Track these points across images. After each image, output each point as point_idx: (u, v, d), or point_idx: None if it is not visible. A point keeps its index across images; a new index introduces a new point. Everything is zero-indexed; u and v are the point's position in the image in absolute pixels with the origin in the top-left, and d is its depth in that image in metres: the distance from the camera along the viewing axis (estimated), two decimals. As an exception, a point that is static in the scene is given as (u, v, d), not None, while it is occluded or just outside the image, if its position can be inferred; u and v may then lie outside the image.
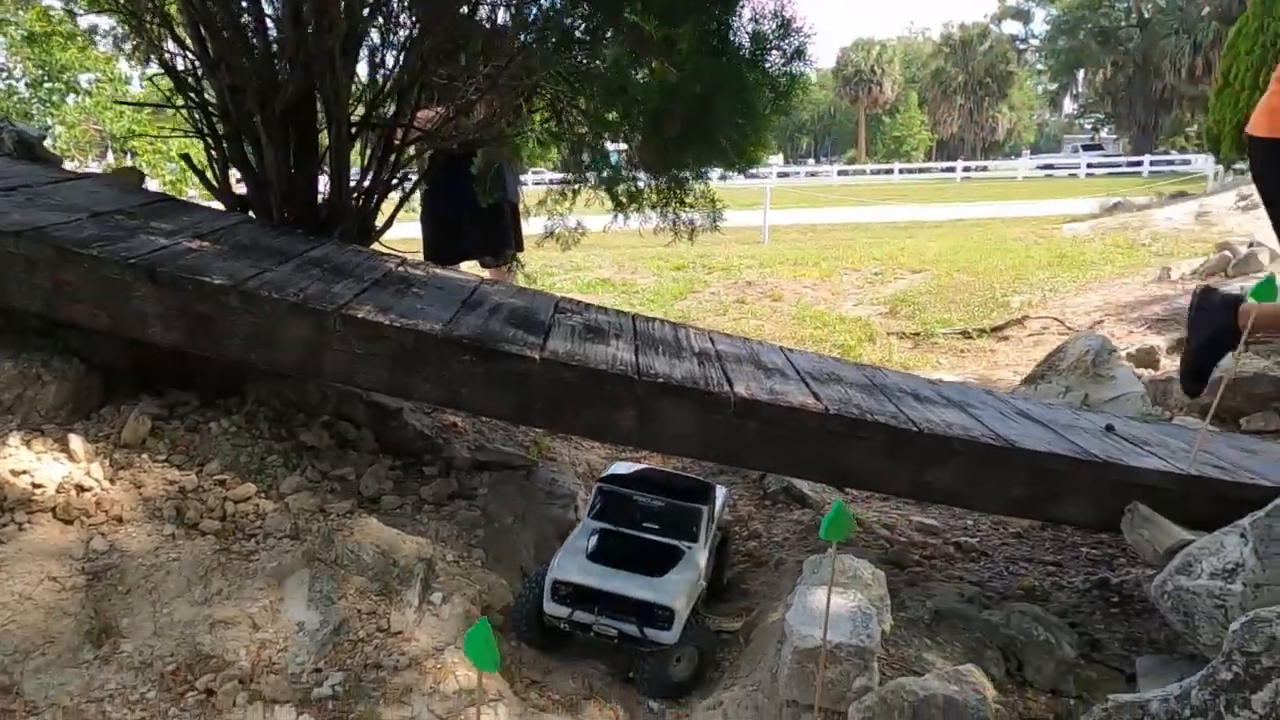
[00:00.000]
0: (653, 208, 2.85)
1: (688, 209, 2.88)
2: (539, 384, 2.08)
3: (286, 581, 1.91)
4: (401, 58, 3.02)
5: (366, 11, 2.97)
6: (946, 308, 8.25)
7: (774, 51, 2.42)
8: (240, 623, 1.80)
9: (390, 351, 2.05)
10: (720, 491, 2.45)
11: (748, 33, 2.40)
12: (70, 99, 14.38)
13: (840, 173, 42.59)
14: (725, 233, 14.41)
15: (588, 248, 11.39)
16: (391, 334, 2.03)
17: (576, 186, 3.43)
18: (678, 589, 1.94)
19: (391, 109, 3.14)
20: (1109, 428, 2.55)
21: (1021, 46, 55.12)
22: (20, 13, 13.29)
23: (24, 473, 1.92)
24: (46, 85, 14.11)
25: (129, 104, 10.26)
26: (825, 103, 67.00)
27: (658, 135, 2.40)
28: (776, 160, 68.29)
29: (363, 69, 3.25)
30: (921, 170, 45.58)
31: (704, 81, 2.23)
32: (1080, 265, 9.78)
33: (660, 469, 2.57)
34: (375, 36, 3.27)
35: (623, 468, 2.43)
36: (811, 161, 70.50)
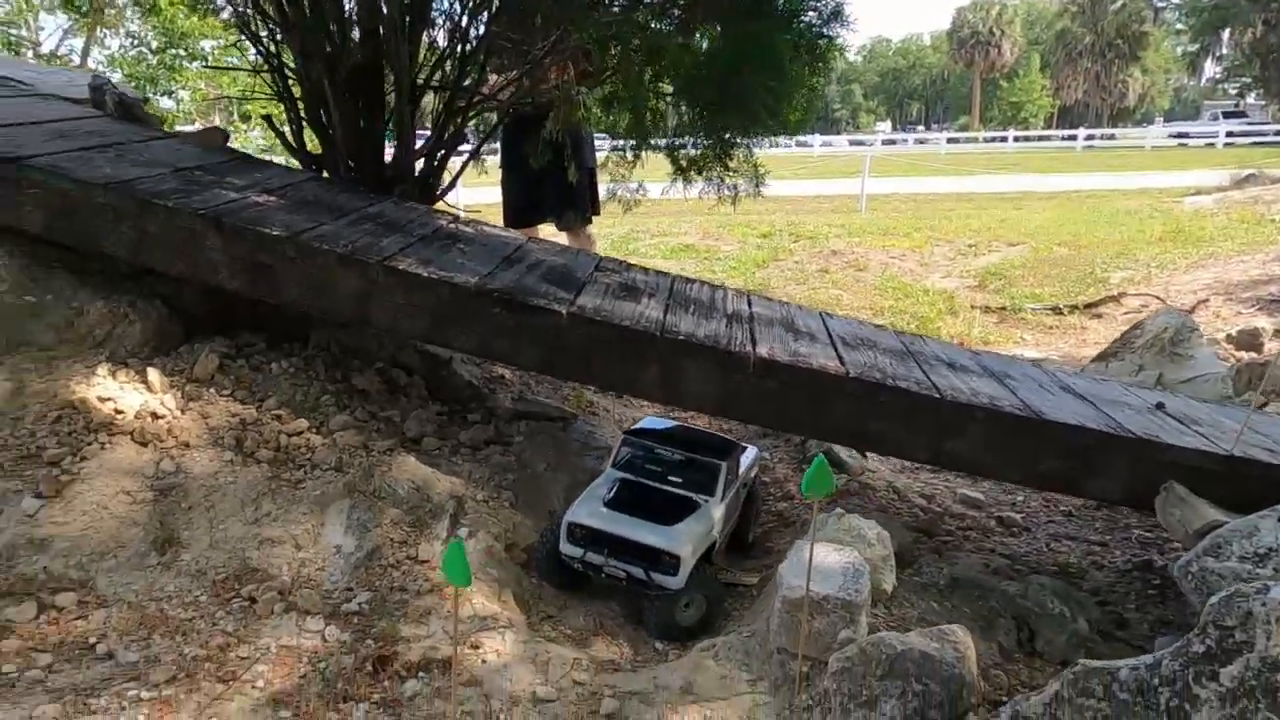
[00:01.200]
0: (698, 173, 2.87)
1: (731, 174, 2.89)
2: (566, 338, 2.18)
3: (328, 509, 2.09)
4: (466, 22, 3.12)
5: (433, -23, 3.09)
6: (1040, 282, 7.90)
7: (809, 12, 2.40)
8: (285, 542, 1.99)
9: (429, 303, 2.19)
10: (749, 452, 2.50)
11: (781, -4, 2.38)
12: (194, 65, 15.30)
13: (950, 140, 40.71)
14: (822, 200, 14.11)
15: (676, 214, 11.43)
16: (429, 286, 2.17)
17: (639, 150, 3.47)
18: (686, 538, 2.02)
19: (456, 73, 3.25)
20: (1159, 405, 2.46)
21: (1160, 4, 50.93)
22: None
23: (109, 399, 2.16)
24: (170, 52, 15.03)
25: (213, 67, 10.82)
26: (938, 67, 64.00)
27: (694, 100, 2.42)
28: (884, 127, 65.90)
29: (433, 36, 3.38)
30: (1040, 138, 43.06)
31: (738, 47, 2.23)
32: (1195, 241, 9.13)
33: (690, 426, 2.63)
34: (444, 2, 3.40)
35: (653, 423, 2.51)
36: (921, 128, 67.70)
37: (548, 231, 4.55)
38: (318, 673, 1.68)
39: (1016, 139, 38.99)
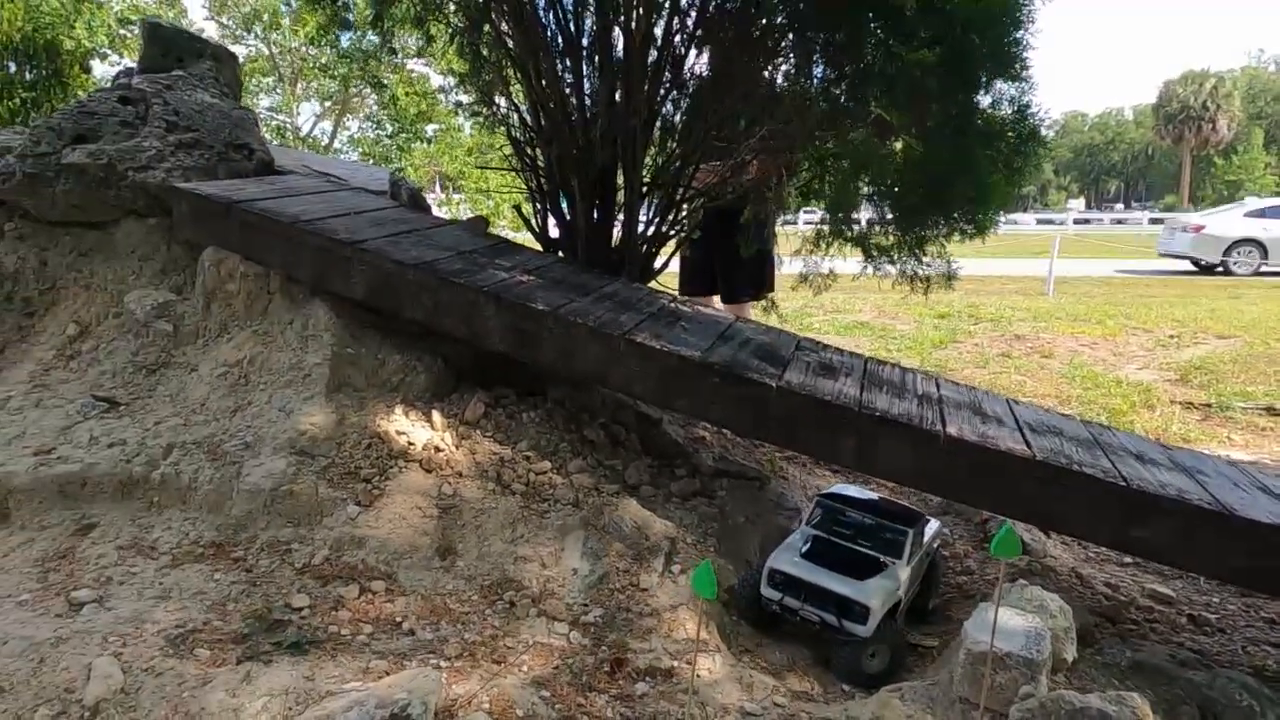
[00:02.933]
0: (891, 263, 3.16)
1: (924, 265, 3.15)
2: (774, 407, 2.52)
3: (567, 537, 2.52)
4: (685, 130, 3.63)
5: (662, 94, 3.63)
6: (1253, 379, 7.37)
7: (1010, 133, 2.66)
8: (534, 560, 2.43)
9: (659, 370, 2.61)
10: (932, 524, 2.71)
11: (983, 118, 2.66)
12: (418, 145, 17.39)
13: (1154, 221, 37.98)
14: (1005, 281, 13.76)
15: (851, 290, 11.57)
16: (661, 356, 2.59)
17: (831, 240, 3.82)
18: (875, 592, 2.27)
19: (675, 170, 3.75)
20: (1370, 513, 2.43)
21: None
22: (391, 75, 16.39)
23: (404, 433, 2.72)
24: (402, 135, 17.15)
25: (487, 168, 12.26)
26: (1141, 142, 60.09)
27: (899, 204, 2.73)
28: (1076, 205, 62.35)
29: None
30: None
31: (942, 160, 2.54)
32: None
33: (877, 495, 2.87)
34: (669, 109, 3.94)
35: (845, 489, 2.78)
36: (1120, 207, 63.45)
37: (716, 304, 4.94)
38: (566, 666, 2.07)
39: (1234, 221, 35.69)
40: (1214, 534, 2.21)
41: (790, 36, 3.53)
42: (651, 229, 3.79)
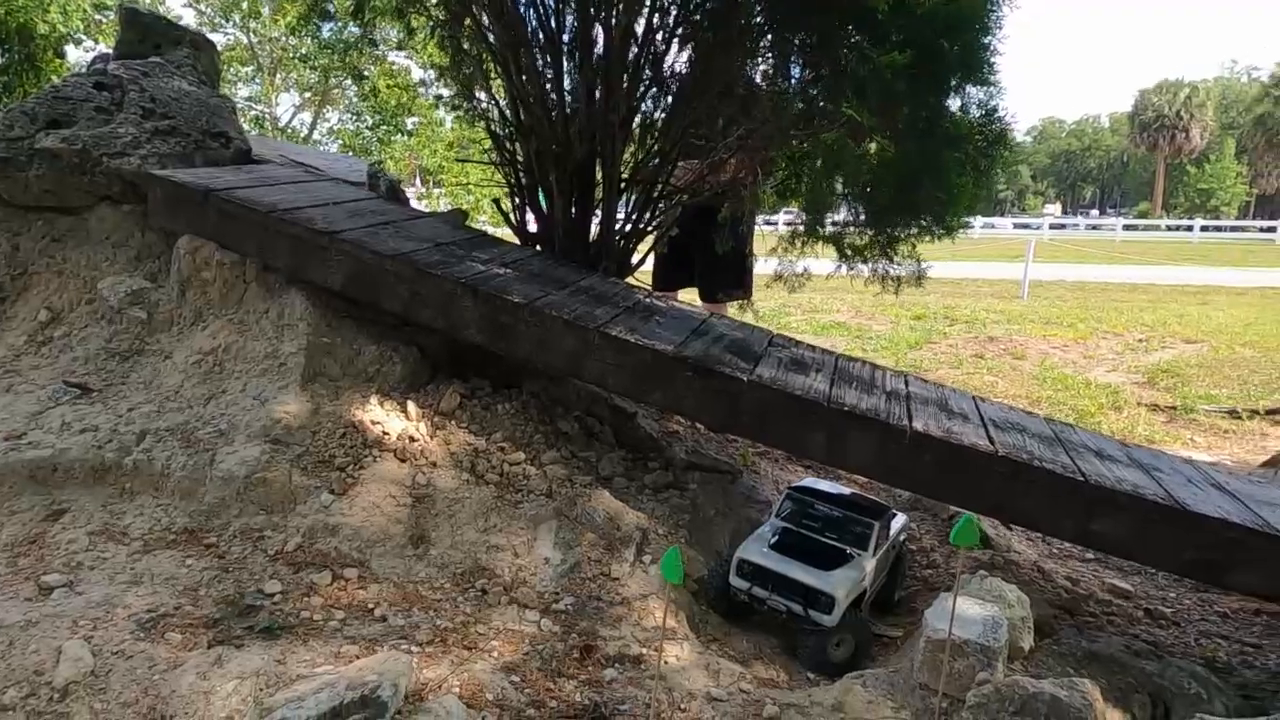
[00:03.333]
0: (864, 262, 3.22)
1: (894, 265, 3.21)
2: (746, 401, 2.56)
3: (540, 527, 2.55)
4: (665, 127, 3.67)
5: (641, 90, 3.66)
6: (1218, 384, 7.55)
7: (977, 136, 2.72)
8: (506, 549, 2.46)
9: (632, 364, 2.64)
10: (899, 518, 2.77)
11: (951, 121, 2.72)
12: (398, 138, 17.30)
13: (1128, 227, 38.60)
14: (981, 284, 13.92)
15: (827, 290, 11.66)
16: (635, 350, 2.62)
17: (805, 238, 3.87)
18: (841, 582, 2.32)
19: (653, 167, 3.79)
20: (1317, 510, 2.52)
21: (1379, 89, 46.55)
22: (372, 67, 16.28)
23: (379, 423, 2.73)
24: (383, 127, 17.04)
25: (467, 161, 12.23)
26: (1116, 150, 60.97)
27: (868, 203, 2.79)
28: (1053, 209, 63.08)
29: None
30: (1233, 229, 40.06)
31: (911, 162, 2.59)
32: (1407, 350, 8.41)
33: (847, 490, 2.92)
34: (648, 106, 3.98)
35: (813, 482, 2.83)
36: (1095, 213, 64.35)
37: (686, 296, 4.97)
38: (536, 652, 2.10)
39: (1204, 228, 36.42)
40: (1167, 528, 2.29)
41: (769, 36, 3.57)
42: (629, 224, 3.82)
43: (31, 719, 1.72)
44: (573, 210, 3.57)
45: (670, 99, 3.87)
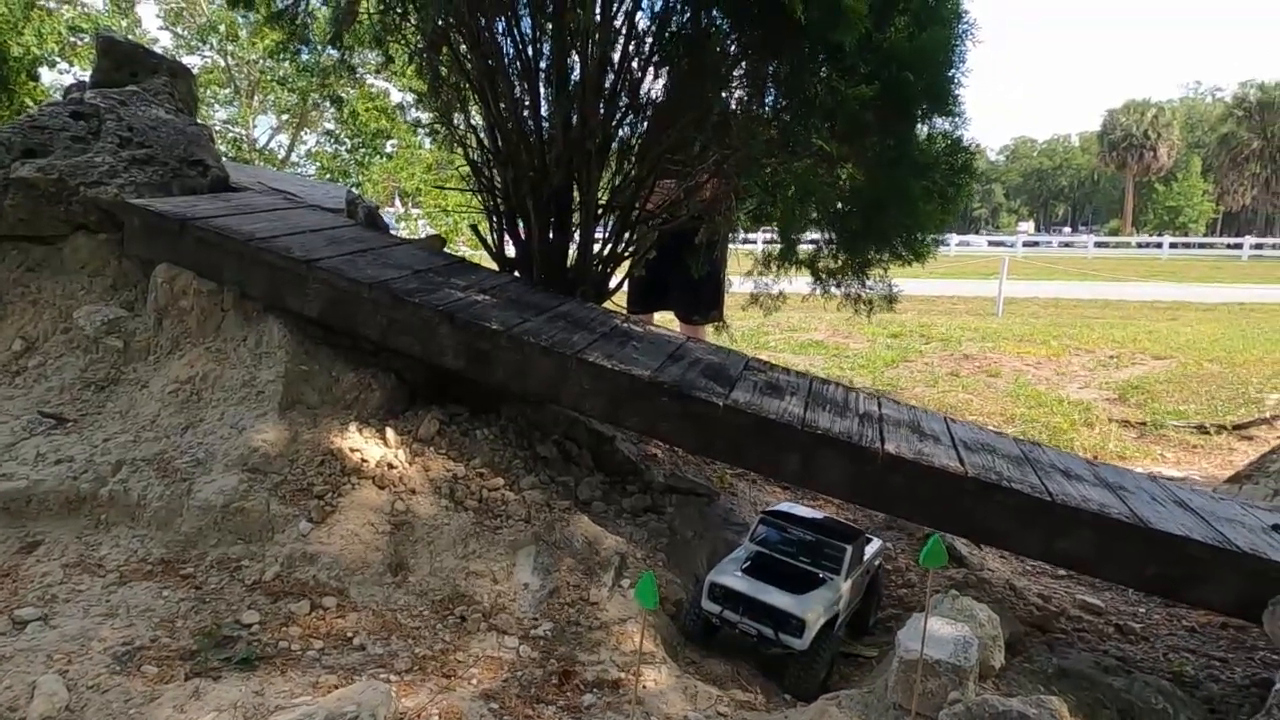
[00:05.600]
0: (837, 285, 3.28)
1: (866, 288, 3.28)
2: (721, 425, 2.61)
3: (519, 553, 2.56)
4: (641, 153, 3.73)
5: (617, 118, 3.72)
6: (1186, 399, 7.69)
7: (944, 165, 2.80)
8: (485, 576, 2.47)
9: (609, 389, 2.68)
10: (874, 542, 2.81)
11: (918, 150, 2.80)
12: (376, 161, 17.31)
13: (1099, 244, 39.34)
14: (956, 302, 14.08)
15: (805, 310, 11.78)
16: (611, 375, 2.66)
17: (781, 262, 3.94)
18: (812, 605, 2.35)
19: (630, 193, 3.84)
20: (1276, 527, 2.60)
21: (1339, 108, 47.87)
22: (350, 90, 16.32)
23: (357, 450, 2.74)
24: (361, 150, 17.05)
25: (444, 188, 12.25)
26: (1087, 168, 62.16)
27: (840, 230, 2.85)
28: (1026, 227, 64.17)
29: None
30: (1201, 246, 40.92)
31: (879, 190, 2.66)
32: (1368, 364, 8.62)
33: (820, 513, 2.97)
34: (625, 133, 4.03)
35: (788, 507, 2.87)
36: (1068, 230, 65.48)
37: (661, 318, 5.02)
38: (515, 679, 2.11)
39: (1173, 245, 37.17)
40: (1130, 545, 2.35)
41: (742, 64, 3.65)
42: (607, 249, 3.87)
43: (5, 756, 1.72)
44: (550, 236, 3.61)
45: (646, 125, 3.94)
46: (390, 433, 2.84)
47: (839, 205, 2.88)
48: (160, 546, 2.39)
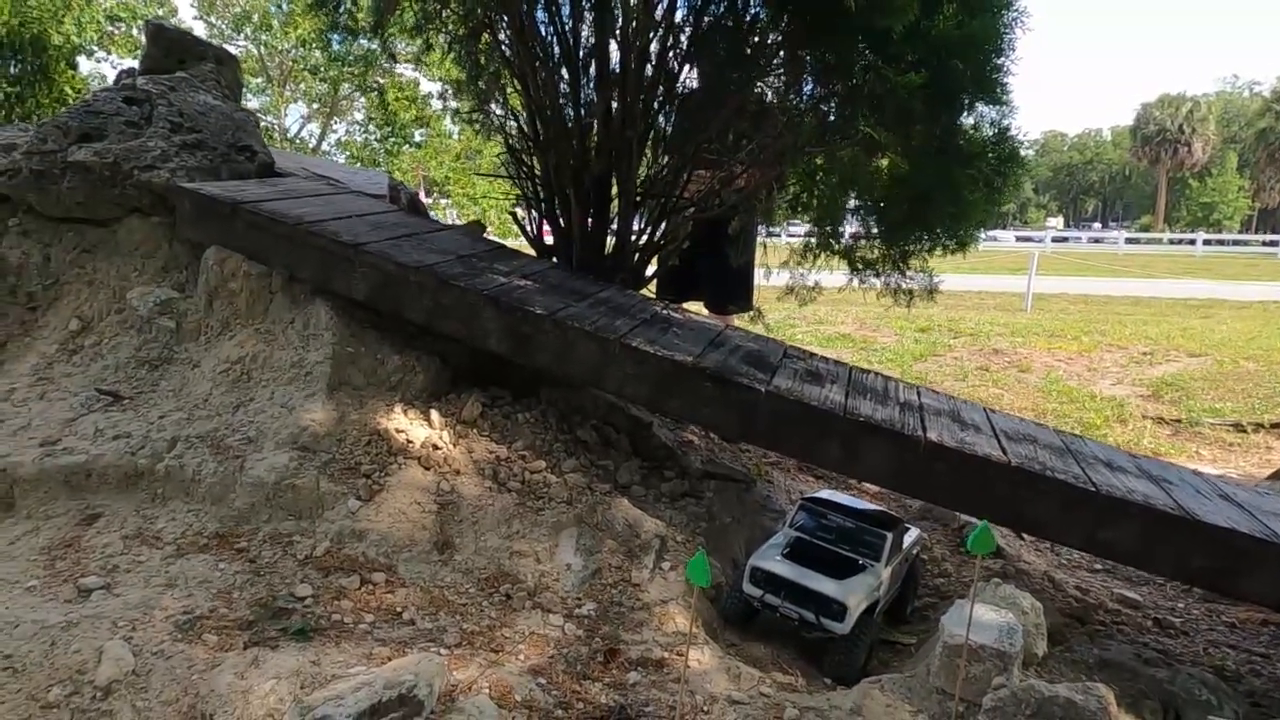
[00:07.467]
0: (876, 275, 3.28)
1: (906, 278, 3.27)
2: (762, 411, 2.62)
3: (561, 534, 2.60)
4: (679, 142, 3.74)
5: (656, 107, 3.73)
6: (1222, 397, 7.59)
7: (990, 154, 2.79)
8: (529, 555, 2.51)
9: (652, 374, 2.70)
10: (912, 531, 2.82)
11: (965, 138, 2.79)
12: (405, 149, 17.44)
13: (1130, 240, 38.71)
14: (985, 297, 13.94)
15: (833, 303, 11.74)
16: (654, 360, 2.68)
17: (818, 252, 3.94)
18: (853, 590, 2.37)
19: (668, 182, 3.86)
20: (1323, 521, 2.57)
21: (1382, 103, 46.68)
22: (381, 79, 16.45)
23: (403, 431, 2.79)
24: (391, 139, 17.19)
25: (483, 175, 12.29)
26: (1118, 163, 61.11)
27: (883, 219, 2.85)
28: (1055, 223, 63.21)
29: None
30: (1235, 243, 40.15)
31: (925, 178, 2.66)
32: None
33: (858, 500, 2.98)
34: (662, 121, 4.05)
35: (828, 494, 2.88)
36: (1097, 226, 64.50)
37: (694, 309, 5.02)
38: (561, 656, 2.15)
39: (1206, 242, 36.48)
40: (1177, 537, 2.33)
41: (781, 54, 3.65)
42: (644, 238, 3.89)
43: (76, 716, 1.78)
44: (589, 223, 3.64)
45: (684, 114, 3.94)
46: (435, 414, 2.88)
47: (881, 194, 2.88)
48: (214, 521, 2.45)
